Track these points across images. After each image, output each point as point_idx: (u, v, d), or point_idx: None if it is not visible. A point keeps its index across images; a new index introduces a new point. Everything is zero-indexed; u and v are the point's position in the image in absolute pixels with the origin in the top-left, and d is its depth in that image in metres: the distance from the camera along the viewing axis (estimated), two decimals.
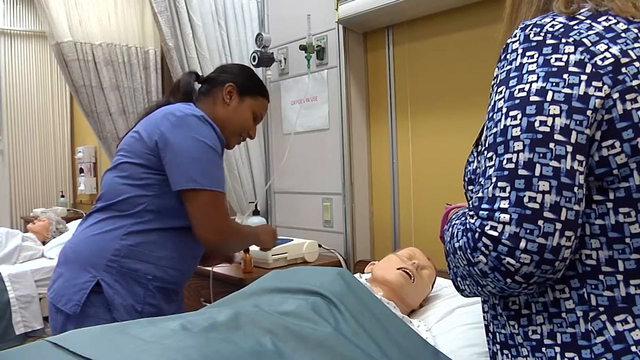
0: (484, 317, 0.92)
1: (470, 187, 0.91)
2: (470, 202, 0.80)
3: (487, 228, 0.73)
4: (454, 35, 2.07)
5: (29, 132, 5.10)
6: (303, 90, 2.53)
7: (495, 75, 0.83)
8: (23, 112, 5.06)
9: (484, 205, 0.75)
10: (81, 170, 4.82)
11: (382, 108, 2.36)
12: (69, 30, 3.36)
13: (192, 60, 2.53)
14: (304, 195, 2.62)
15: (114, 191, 1.49)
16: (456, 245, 0.80)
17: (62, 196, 5.16)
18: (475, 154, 0.91)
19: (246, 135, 1.70)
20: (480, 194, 0.77)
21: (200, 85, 1.71)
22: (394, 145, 2.31)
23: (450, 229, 0.85)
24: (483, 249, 0.74)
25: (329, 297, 1.19)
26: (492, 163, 0.76)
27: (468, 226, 0.77)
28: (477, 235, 0.74)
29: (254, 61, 2.49)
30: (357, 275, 1.64)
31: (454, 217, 0.90)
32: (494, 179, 0.75)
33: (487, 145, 0.79)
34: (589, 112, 0.72)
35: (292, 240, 2.27)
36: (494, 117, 0.79)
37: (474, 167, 0.90)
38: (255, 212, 2.62)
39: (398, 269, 1.48)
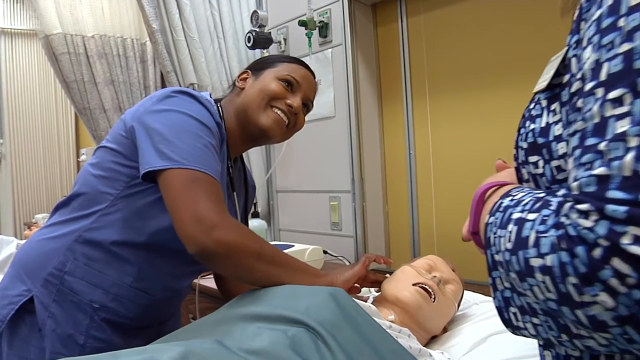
0: None
1: (535, 159, 0.57)
2: (574, 184, 0.43)
3: (624, 240, 0.38)
4: (479, 1, 1.74)
5: (31, 134, 4.89)
6: None
7: (576, 40, 0.49)
8: (25, 113, 4.85)
9: (616, 194, 0.39)
10: None
11: (396, 91, 2.04)
12: (58, 22, 3.13)
13: (179, 44, 2.24)
14: (308, 193, 2.30)
15: (80, 182, 1.19)
16: (535, 263, 0.45)
17: None
18: (544, 103, 0.57)
19: (281, 105, 1.24)
20: (600, 170, 0.40)
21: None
22: (411, 133, 1.99)
23: (512, 226, 0.50)
24: (613, 281, 0.39)
25: (316, 329, 0.87)
26: (623, 109, 0.40)
27: (572, 232, 0.41)
28: (598, 252, 0.39)
29: (249, 42, 2.19)
30: (366, 289, 1.33)
31: (511, 202, 0.54)
32: (633, 142, 0.39)
33: (605, 78, 0.42)
34: None
35: (293, 246, 1.95)
36: (616, 24, 0.42)
37: (546, 123, 0.56)
38: (255, 214, 2.31)
39: (414, 284, 1.15)
